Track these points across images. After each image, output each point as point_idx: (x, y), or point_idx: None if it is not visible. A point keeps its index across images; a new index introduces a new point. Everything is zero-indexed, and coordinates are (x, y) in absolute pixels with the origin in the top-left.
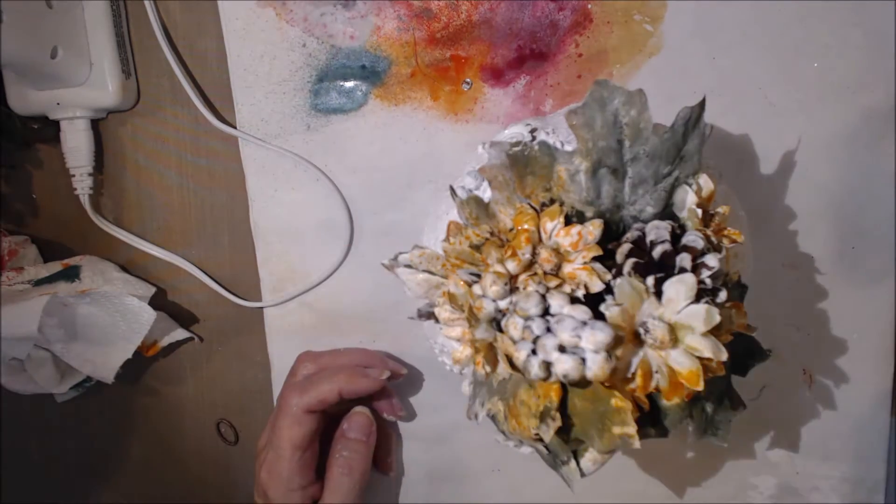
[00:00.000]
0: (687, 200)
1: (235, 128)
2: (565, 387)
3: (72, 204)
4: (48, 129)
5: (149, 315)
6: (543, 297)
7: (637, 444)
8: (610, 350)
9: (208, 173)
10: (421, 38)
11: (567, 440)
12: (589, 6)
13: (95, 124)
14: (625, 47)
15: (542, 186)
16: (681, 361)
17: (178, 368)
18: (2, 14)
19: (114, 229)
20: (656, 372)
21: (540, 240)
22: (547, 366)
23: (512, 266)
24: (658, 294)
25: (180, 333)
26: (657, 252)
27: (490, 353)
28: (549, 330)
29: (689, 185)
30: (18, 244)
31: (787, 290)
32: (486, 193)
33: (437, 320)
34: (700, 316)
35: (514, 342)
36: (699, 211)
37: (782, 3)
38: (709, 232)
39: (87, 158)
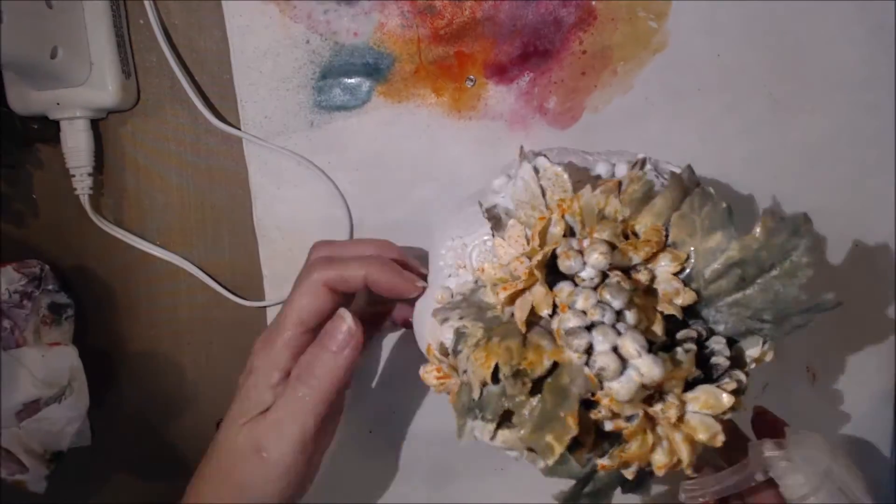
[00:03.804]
0: (749, 352)
1: (236, 127)
2: (549, 374)
3: (72, 204)
4: (48, 129)
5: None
6: (620, 312)
7: (546, 462)
8: (644, 388)
9: (208, 173)
10: (424, 34)
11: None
12: (593, 3)
13: (95, 124)
14: (629, 44)
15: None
16: (681, 445)
17: (179, 368)
18: (2, 14)
19: (114, 229)
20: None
21: (655, 256)
22: (589, 350)
23: (621, 255)
24: (689, 387)
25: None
26: (713, 360)
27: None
28: (615, 328)
29: (763, 342)
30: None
31: None
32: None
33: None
34: (708, 426)
35: (575, 310)
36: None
37: (787, 1)
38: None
39: (87, 158)
